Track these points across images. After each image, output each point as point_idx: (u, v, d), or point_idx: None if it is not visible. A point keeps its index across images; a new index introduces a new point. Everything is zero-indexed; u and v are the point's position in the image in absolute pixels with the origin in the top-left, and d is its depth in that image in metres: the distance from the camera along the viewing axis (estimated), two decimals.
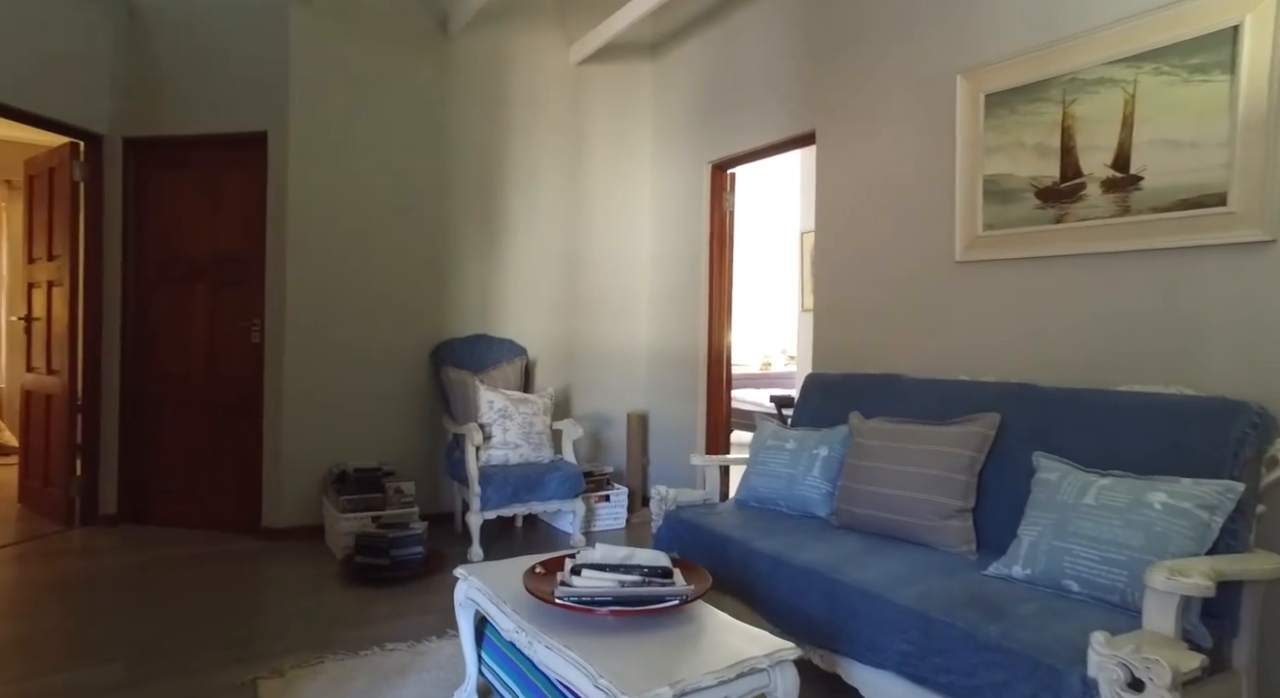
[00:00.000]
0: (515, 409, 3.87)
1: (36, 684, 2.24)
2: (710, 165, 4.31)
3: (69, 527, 3.99)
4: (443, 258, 4.25)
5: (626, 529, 4.23)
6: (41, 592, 3.05)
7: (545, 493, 3.70)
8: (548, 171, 4.55)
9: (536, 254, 4.53)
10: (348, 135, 3.97)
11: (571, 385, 4.65)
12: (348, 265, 3.98)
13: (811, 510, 2.66)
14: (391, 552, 3.20)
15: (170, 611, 2.84)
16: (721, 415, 4.34)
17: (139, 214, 4.05)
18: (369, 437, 4.03)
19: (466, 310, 4.33)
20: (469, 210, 4.33)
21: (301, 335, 3.86)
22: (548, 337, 4.58)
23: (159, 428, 4.04)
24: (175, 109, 3.95)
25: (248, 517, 3.88)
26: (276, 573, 3.32)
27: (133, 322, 4.04)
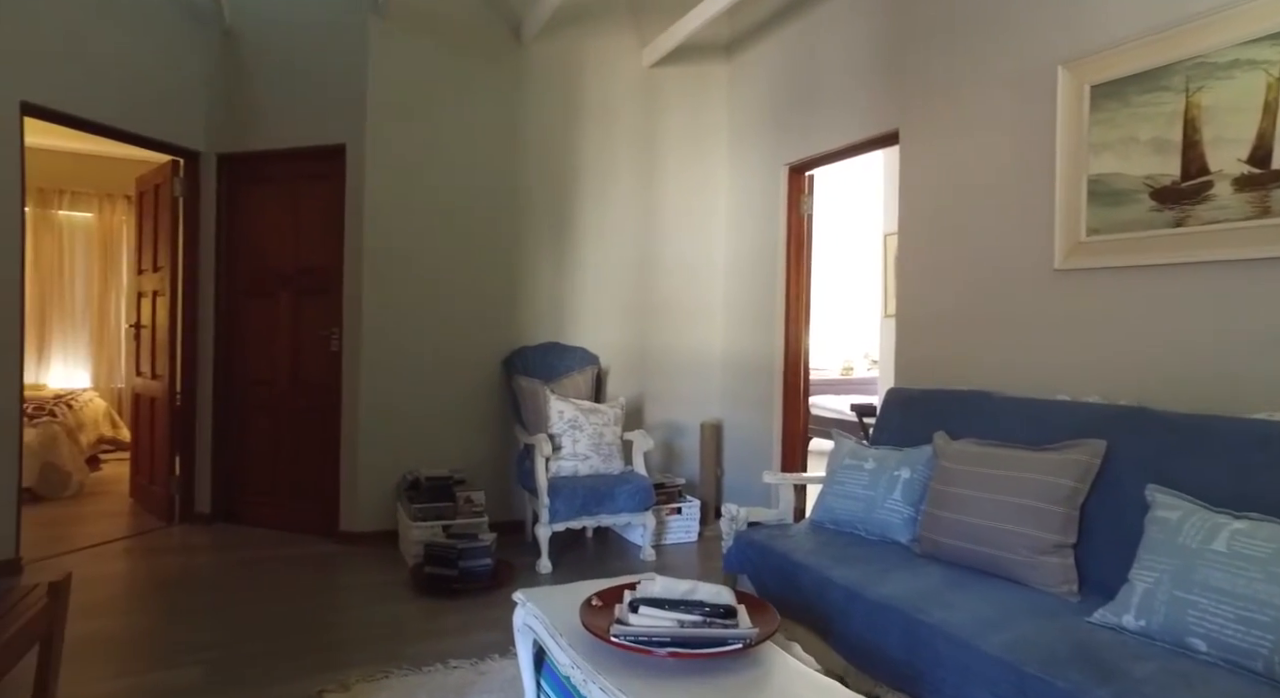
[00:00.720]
0: (585, 420, 3.82)
1: (119, 685, 2.33)
2: (787, 168, 4.15)
3: (169, 523, 4.20)
4: (515, 265, 4.26)
5: (699, 543, 4.12)
6: (138, 588, 3.20)
7: (615, 506, 3.64)
8: (621, 177, 4.50)
9: (609, 260, 4.48)
10: (422, 145, 4.02)
11: (644, 394, 4.58)
12: (422, 274, 4.03)
13: (892, 536, 2.49)
14: (460, 563, 3.21)
15: (249, 614, 2.92)
16: (799, 425, 4.17)
17: (230, 226, 4.23)
18: (442, 444, 4.07)
19: (538, 318, 4.32)
20: (541, 217, 4.31)
21: (377, 344, 3.93)
22: (620, 344, 4.52)
23: (247, 431, 4.21)
24: (262, 125, 4.10)
25: (326, 521, 3.98)
26: (350, 579, 3.38)
27: (224, 329, 4.22)
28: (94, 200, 6.68)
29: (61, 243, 6.63)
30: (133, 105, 3.83)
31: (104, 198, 6.67)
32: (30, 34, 3.38)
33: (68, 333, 6.64)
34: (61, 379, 6.53)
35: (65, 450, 4.93)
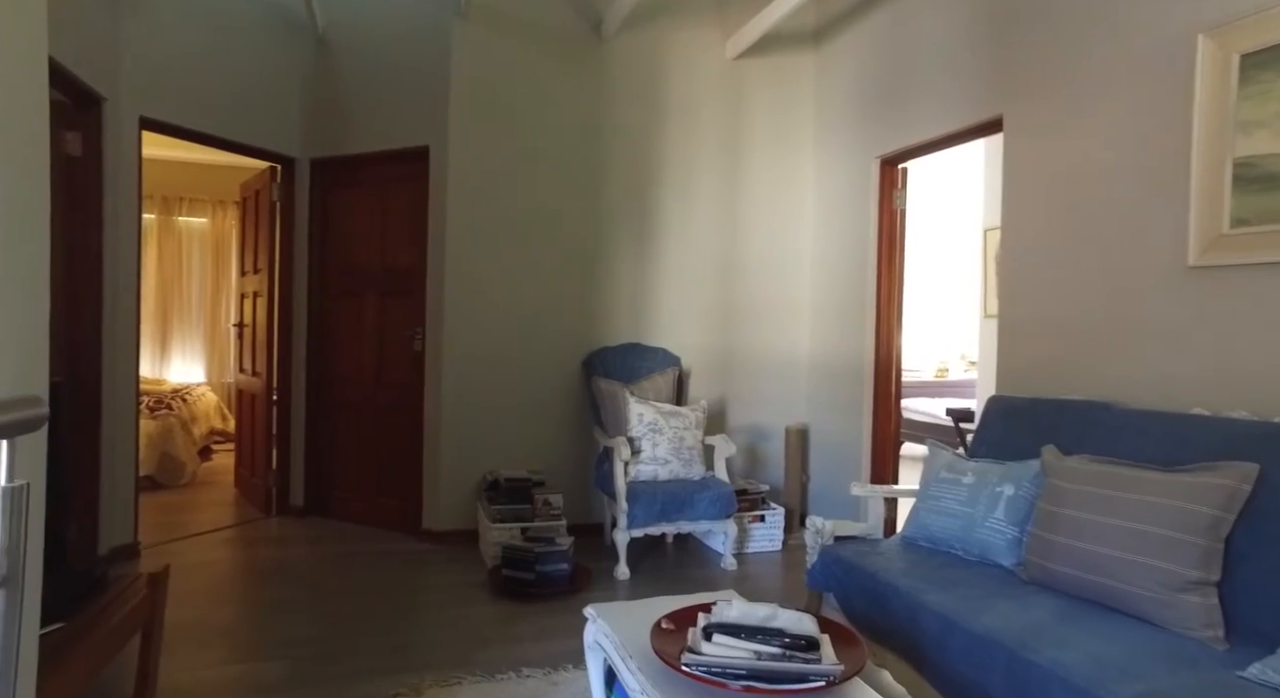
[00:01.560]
0: (666, 423, 3.73)
1: (208, 675, 2.41)
2: (879, 160, 3.92)
3: (267, 515, 4.39)
4: (596, 265, 4.21)
5: (782, 552, 3.96)
6: (235, 578, 3.34)
7: (695, 513, 3.53)
8: (703, 173, 4.38)
9: (691, 259, 4.37)
10: (503, 145, 4.02)
11: (727, 396, 4.45)
12: (503, 274, 4.04)
13: (993, 558, 2.28)
14: (537, 567, 3.18)
15: (334, 610, 2.98)
16: (890, 431, 3.95)
17: (322, 229, 4.36)
18: (521, 445, 4.07)
19: (619, 318, 4.26)
20: (622, 216, 4.25)
21: (458, 344, 3.96)
22: (702, 345, 4.41)
23: (336, 428, 4.34)
24: (351, 130, 4.21)
25: (410, 518, 4.05)
26: (430, 579, 3.42)
27: (316, 328, 4.37)
28: (208, 207, 7.09)
29: (180, 247, 7.08)
30: (236, 115, 4.01)
31: (216, 204, 7.08)
32: (148, 54, 3.57)
33: (185, 331, 7.09)
34: (179, 374, 6.97)
35: (180, 442, 5.24)
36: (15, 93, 1.16)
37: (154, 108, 3.63)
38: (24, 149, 1.16)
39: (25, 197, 1.16)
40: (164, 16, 3.66)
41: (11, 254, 1.12)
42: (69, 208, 3.29)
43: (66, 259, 3.29)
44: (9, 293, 1.11)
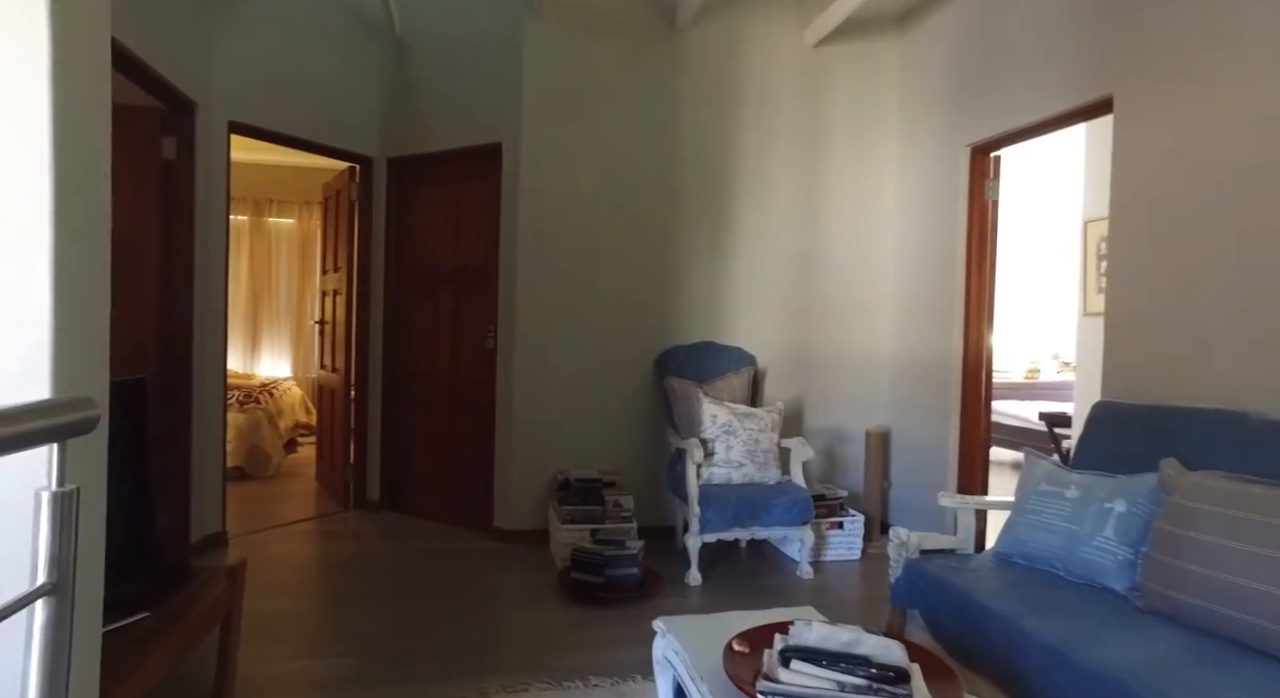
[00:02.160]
0: (740, 425, 3.61)
1: (282, 668, 2.44)
2: (969, 149, 3.68)
3: (345, 508, 4.49)
4: (669, 261, 4.12)
5: (861, 561, 3.77)
6: (313, 570, 3.41)
7: (769, 518, 3.40)
8: (780, 166, 4.22)
9: (768, 255, 4.23)
10: (576, 140, 3.98)
11: (804, 398, 4.28)
12: (575, 271, 4.00)
13: (1101, 581, 2.08)
14: (606, 571, 3.12)
15: (404, 608, 2.99)
16: (979, 437, 3.71)
17: (398, 227, 4.43)
18: (592, 445, 4.02)
19: (692, 316, 4.15)
20: (696, 211, 4.14)
21: (530, 341, 3.94)
22: (779, 344, 4.26)
23: (411, 425, 4.39)
24: (426, 128, 4.25)
25: (482, 516, 4.06)
26: (500, 579, 3.40)
27: (392, 325, 4.44)
28: (295, 207, 7.36)
29: (270, 247, 7.37)
30: (318, 118, 4.10)
31: (303, 205, 7.34)
32: (236, 60, 3.69)
33: (273, 328, 7.38)
34: (268, 369, 7.27)
35: (266, 434, 5.44)
36: (76, 98, 1.15)
37: (241, 112, 3.74)
38: (84, 149, 1.15)
39: (85, 197, 1.15)
40: (251, 24, 3.77)
41: (68, 253, 1.11)
42: (164, 211, 3.43)
43: (162, 260, 3.42)
44: (66, 292, 1.10)
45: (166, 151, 3.42)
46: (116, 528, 1.95)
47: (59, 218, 1.07)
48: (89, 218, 1.13)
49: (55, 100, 1.06)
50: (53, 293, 1.05)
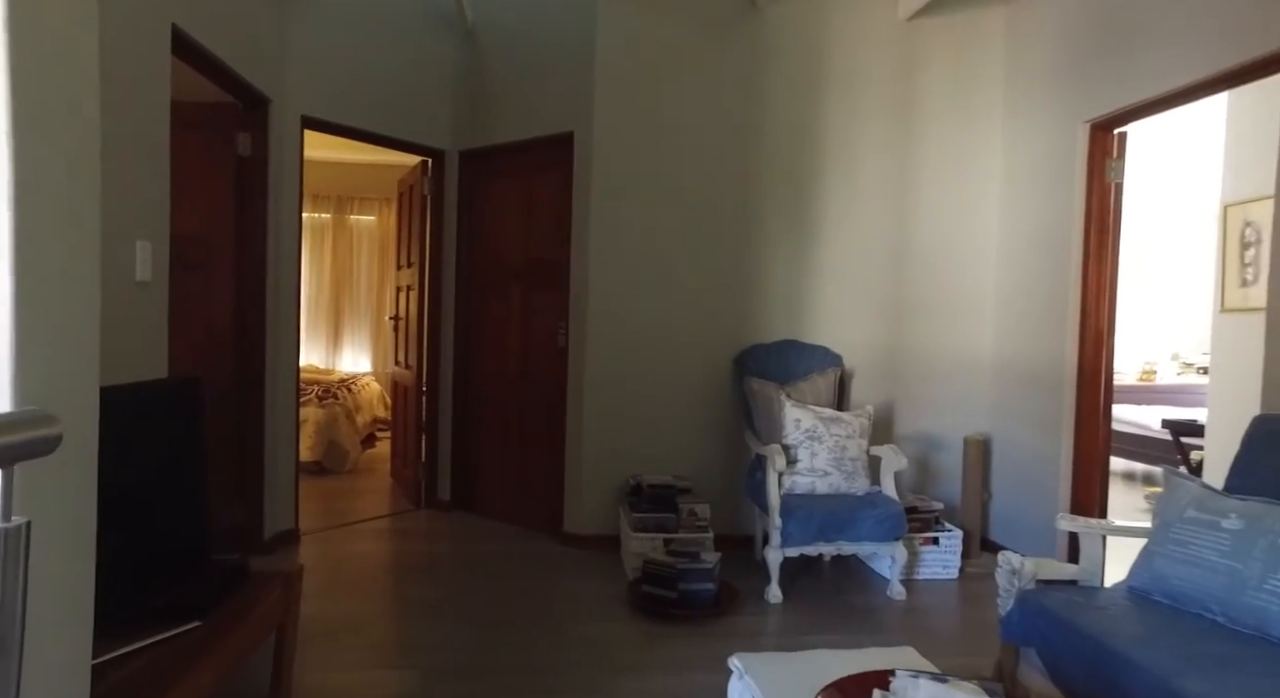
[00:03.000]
0: (826, 430, 3.33)
1: (338, 679, 2.35)
2: (1088, 126, 3.28)
3: (417, 507, 4.45)
4: (749, 255, 3.87)
5: (959, 581, 3.44)
6: (380, 573, 3.34)
7: (857, 533, 3.12)
8: (870, 150, 3.91)
9: (855, 248, 3.92)
10: (650, 128, 3.78)
11: (894, 401, 3.96)
12: (649, 265, 3.81)
13: (1276, 633, 1.73)
14: (680, 585, 2.91)
15: (470, 616, 2.87)
16: (1097, 449, 3.31)
17: (469, 221, 4.34)
18: (666, 448, 3.82)
19: (774, 313, 3.89)
20: (778, 201, 3.88)
21: (602, 339, 3.78)
22: (867, 343, 3.95)
23: (481, 424, 4.30)
24: (498, 119, 4.13)
25: (551, 519, 3.93)
26: (568, 587, 3.25)
27: (463, 322, 4.36)
28: (375, 204, 7.46)
29: (351, 244, 7.50)
30: (390, 111, 4.05)
31: (383, 202, 7.42)
32: (309, 54, 3.66)
33: (354, 324, 7.51)
34: (349, 365, 7.40)
35: (344, 430, 5.49)
36: (60, 80, 1.01)
37: (315, 107, 3.72)
38: (59, 127, 1.00)
39: (60, 186, 1.00)
40: (325, 18, 3.73)
41: (34, 251, 0.97)
42: (238, 207, 3.42)
43: (236, 257, 3.42)
44: (31, 296, 0.96)
45: (241, 148, 3.42)
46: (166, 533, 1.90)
47: (20, 210, 0.92)
48: (66, 210, 0.98)
49: (12, 66, 0.91)
50: (12, 297, 0.90)
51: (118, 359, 2.17)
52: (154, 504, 1.87)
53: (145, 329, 2.33)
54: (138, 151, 2.28)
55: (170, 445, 1.94)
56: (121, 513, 1.73)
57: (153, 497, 1.86)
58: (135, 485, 1.78)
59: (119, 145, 2.16)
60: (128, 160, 2.22)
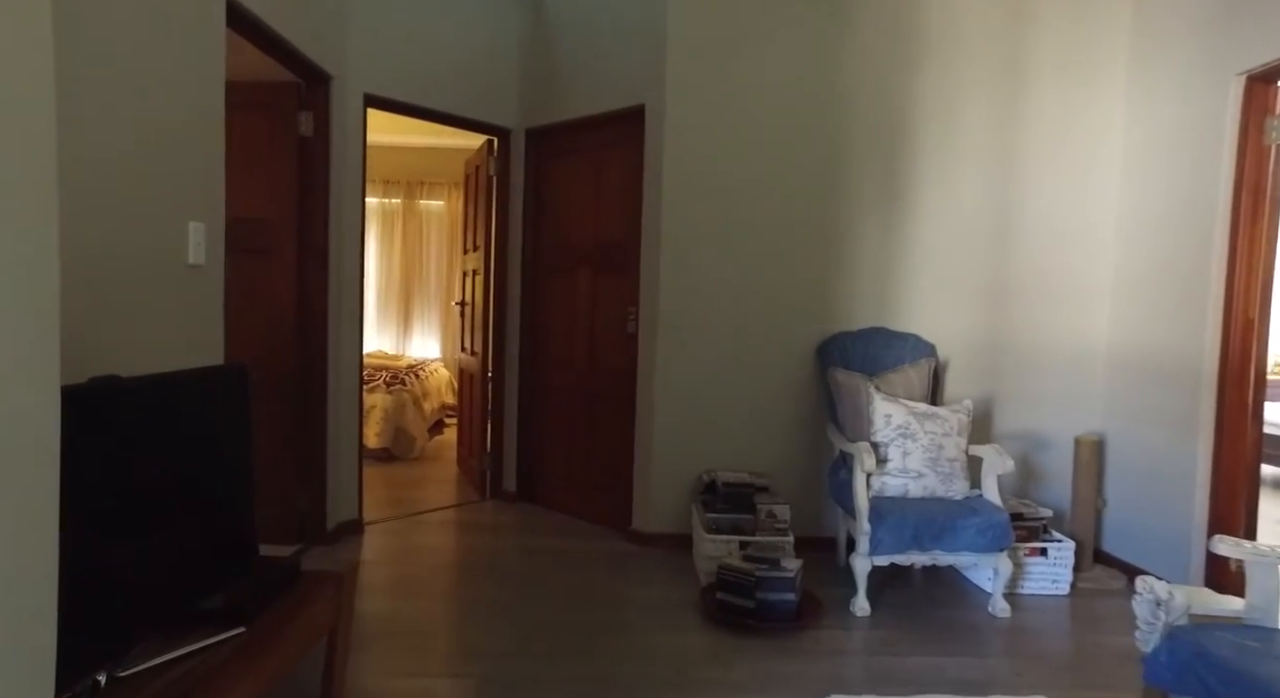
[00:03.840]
0: (920, 427, 3.02)
1: (399, 687, 2.21)
2: (1243, 79, 2.83)
3: (482, 498, 4.33)
4: (834, 236, 3.56)
5: (1070, 598, 3.08)
6: (441, 569, 3.22)
7: (956, 542, 2.80)
8: (969, 119, 3.52)
9: (951, 226, 3.56)
10: (726, 99, 3.50)
11: (993, 395, 3.59)
12: (725, 246, 3.54)
13: None
14: (758, 594, 2.67)
15: (532, 619, 2.70)
16: (1243, 455, 2.89)
17: (536, 202, 4.16)
18: (742, 443, 3.57)
19: (860, 298, 3.58)
20: (866, 177, 3.55)
21: (675, 326, 3.54)
22: (963, 331, 3.59)
23: (547, 413, 4.14)
24: (565, 94, 3.93)
25: (619, 515, 3.74)
26: (636, 590, 3.05)
27: (530, 307, 4.19)
28: (444, 189, 7.40)
29: (421, 229, 7.48)
30: (455, 88, 3.90)
31: (451, 186, 7.36)
32: (371, 30, 3.53)
33: (424, 309, 7.50)
34: (419, 350, 7.40)
35: (411, 416, 5.44)
36: None
37: (377, 85, 3.59)
38: (16, 111, 0.82)
39: (18, 167, 0.81)
40: None
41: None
42: (300, 190, 3.33)
43: (298, 241, 3.33)
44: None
45: (303, 128, 3.31)
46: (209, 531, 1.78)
47: None
48: (9, 185, 0.80)
49: None
50: None
51: (165, 346, 2.07)
52: (196, 500, 1.74)
53: (198, 315, 2.23)
54: (188, 127, 2.16)
55: (215, 437, 1.81)
56: (160, 509, 1.61)
57: (194, 492, 1.73)
58: (175, 480, 1.65)
59: (167, 121, 2.04)
60: (177, 136, 2.11)
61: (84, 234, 1.71)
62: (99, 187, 1.77)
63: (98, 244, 1.77)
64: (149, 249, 1.98)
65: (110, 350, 1.81)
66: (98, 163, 1.77)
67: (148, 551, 1.57)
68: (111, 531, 1.44)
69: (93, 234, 1.75)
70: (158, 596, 1.59)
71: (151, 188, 1.99)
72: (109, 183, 1.81)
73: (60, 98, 0.87)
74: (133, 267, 1.91)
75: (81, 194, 1.70)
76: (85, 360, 1.67)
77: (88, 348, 1.72)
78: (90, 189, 1.74)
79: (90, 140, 1.74)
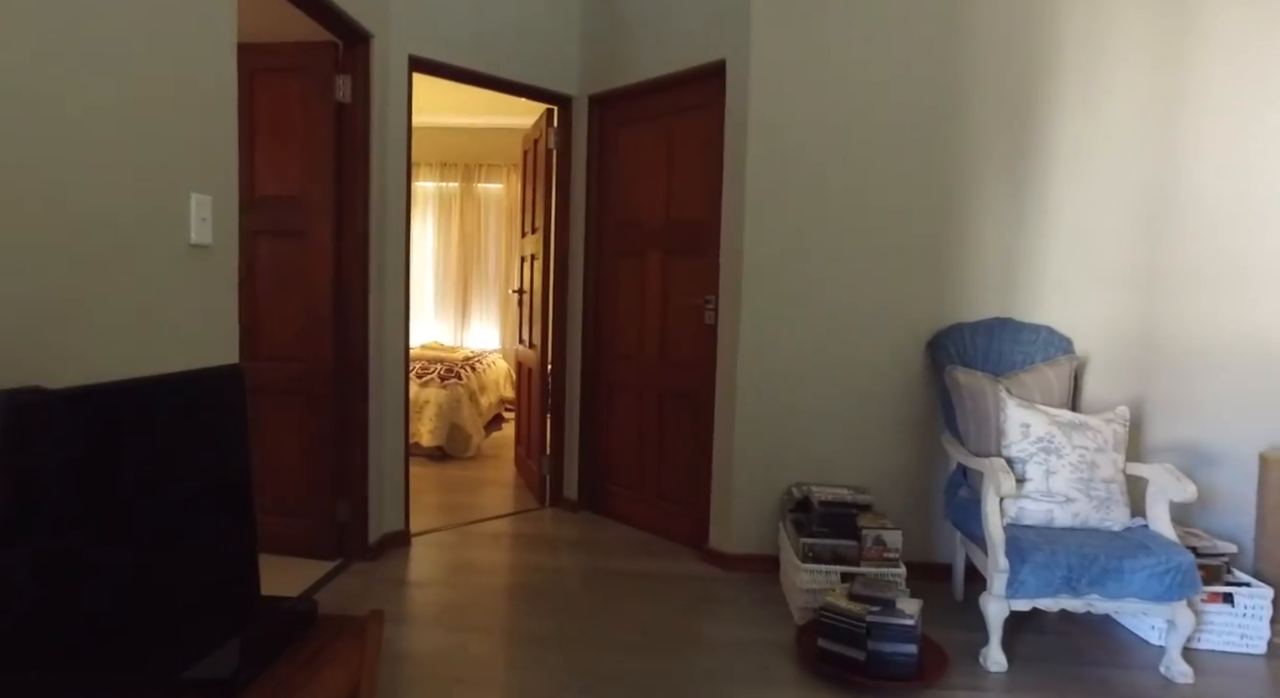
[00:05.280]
0: (1067, 439, 2.46)
1: None
2: None
3: (541, 505, 3.95)
4: (949, 211, 3.01)
5: (1268, 659, 2.47)
6: (494, 594, 2.82)
7: (1122, 587, 2.25)
8: (1118, 69, 2.91)
9: (1095, 199, 2.95)
10: (822, 52, 2.98)
11: (1142, 400, 2.98)
12: (820, 223, 3.03)
13: None
14: (869, 644, 2.18)
15: (590, 661, 2.28)
16: None
17: (600, 177, 3.72)
18: (837, 451, 3.06)
19: (981, 284, 3.02)
20: (988, 140, 2.98)
21: (760, 316, 3.06)
22: (1106, 323, 2.99)
23: (613, 413, 3.71)
24: (632, 56, 3.47)
25: (695, 531, 3.29)
26: (716, 627, 2.59)
27: (593, 295, 3.76)
28: (503, 171, 7.05)
29: (479, 213, 7.15)
30: (512, 50, 3.49)
31: (510, 168, 7.00)
32: None
33: (483, 298, 7.18)
34: (477, 341, 7.09)
35: (467, 413, 5.10)
36: None
37: (422, 45, 3.20)
38: None
39: None
40: None
41: None
42: (338, 163, 2.97)
43: (336, 221, 2.97)
44: None
45: (340, 93, 2.95)
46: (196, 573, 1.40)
47: None
48: None
49: None
50: None
51: (157, 343, 1.70)
52: (173, 538, 1.36)
53: (200, 305, 1.87)
54: (184, 83, 1.79)
55: (198, 458, 1.43)
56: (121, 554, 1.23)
57: (171, 529, 1.35)
58: (140, 515, 1.27)
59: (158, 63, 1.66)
60: (176, 85, 1.73)
61: (38, 201, 1.34)
62: (53, 135, 1.40)
63: (61, 216, 1.41)
64: (133, 224, 1.62)
65: (70, 352, 1.45)
66: (50, 98, 1.40)
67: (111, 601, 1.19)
68: (48, 586, 1.07)
69: (52, 200, 1.38)
70: (126, 661, 1.22)
71: (138, 148, 1.62)
72: (77, 133, 1.44)
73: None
74: (110, 245, 1.54)
75: (29, 144, 1.33)
76: (32, 365, 1.31)
77: (35, 350, 1.36)
78: (42, 140, 1.37)
79: (43, 73, 1.36)
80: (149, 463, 1.30)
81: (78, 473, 1.14)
